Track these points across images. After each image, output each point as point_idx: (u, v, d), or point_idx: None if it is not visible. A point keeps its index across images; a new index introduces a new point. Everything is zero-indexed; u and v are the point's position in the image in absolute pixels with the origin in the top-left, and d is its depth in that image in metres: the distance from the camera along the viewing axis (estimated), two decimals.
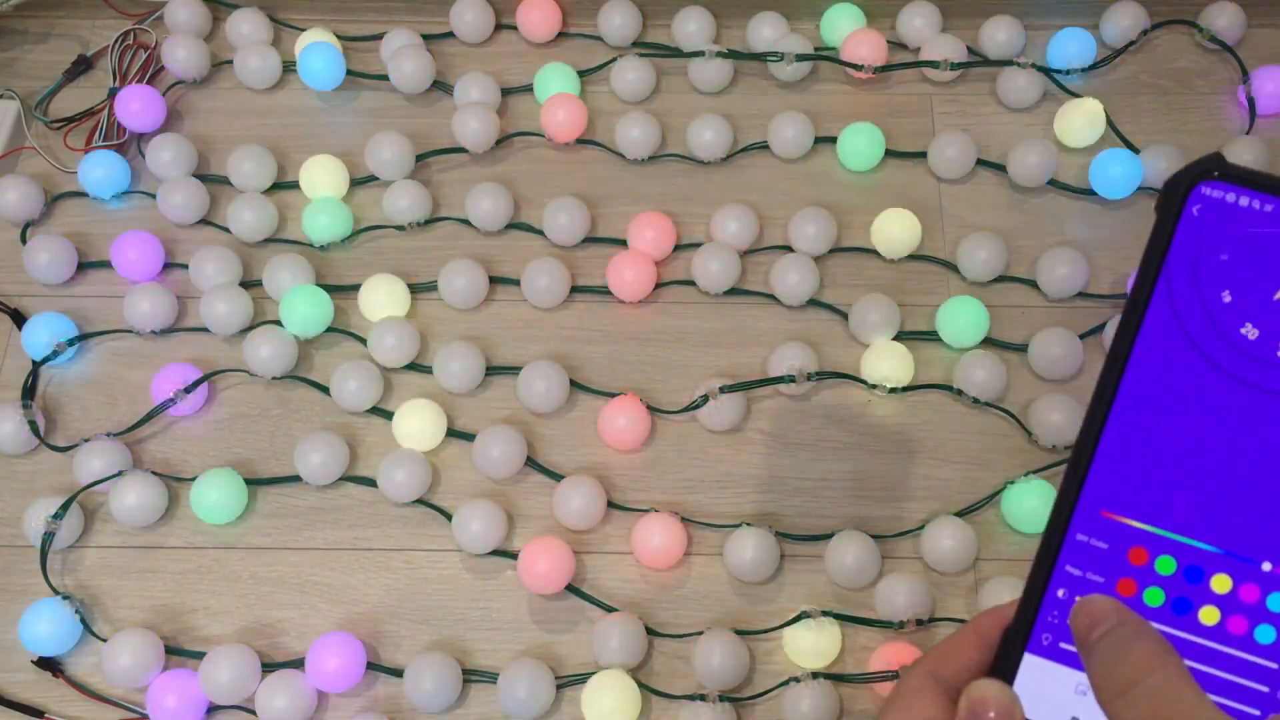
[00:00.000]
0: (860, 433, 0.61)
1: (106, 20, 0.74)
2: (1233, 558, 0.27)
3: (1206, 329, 0.27)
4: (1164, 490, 0.28)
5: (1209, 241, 0.26)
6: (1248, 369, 0.27)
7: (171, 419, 0.61)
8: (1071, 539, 0.28)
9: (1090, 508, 0.28)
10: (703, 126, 0.68)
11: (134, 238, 0.64)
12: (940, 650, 0.31)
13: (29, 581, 0.57)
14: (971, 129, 0.69)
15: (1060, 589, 0.28)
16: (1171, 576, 0.28)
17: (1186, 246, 0.27)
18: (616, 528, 0.58)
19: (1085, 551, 0.28)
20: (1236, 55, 0.71)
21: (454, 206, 0.68)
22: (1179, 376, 0.27)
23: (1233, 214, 0.26)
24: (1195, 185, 0.26)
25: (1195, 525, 0.28)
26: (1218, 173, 0.26)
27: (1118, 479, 0.28)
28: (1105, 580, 0.28)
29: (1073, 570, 0.28)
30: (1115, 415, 0.28)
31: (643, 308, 0.65)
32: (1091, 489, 0.28)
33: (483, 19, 0.73)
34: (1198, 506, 0.27)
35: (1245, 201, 0.26)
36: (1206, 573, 0.27)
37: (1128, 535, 0.28)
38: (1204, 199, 0.26)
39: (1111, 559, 0.28)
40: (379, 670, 0.55)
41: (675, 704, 0.54)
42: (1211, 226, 0.26)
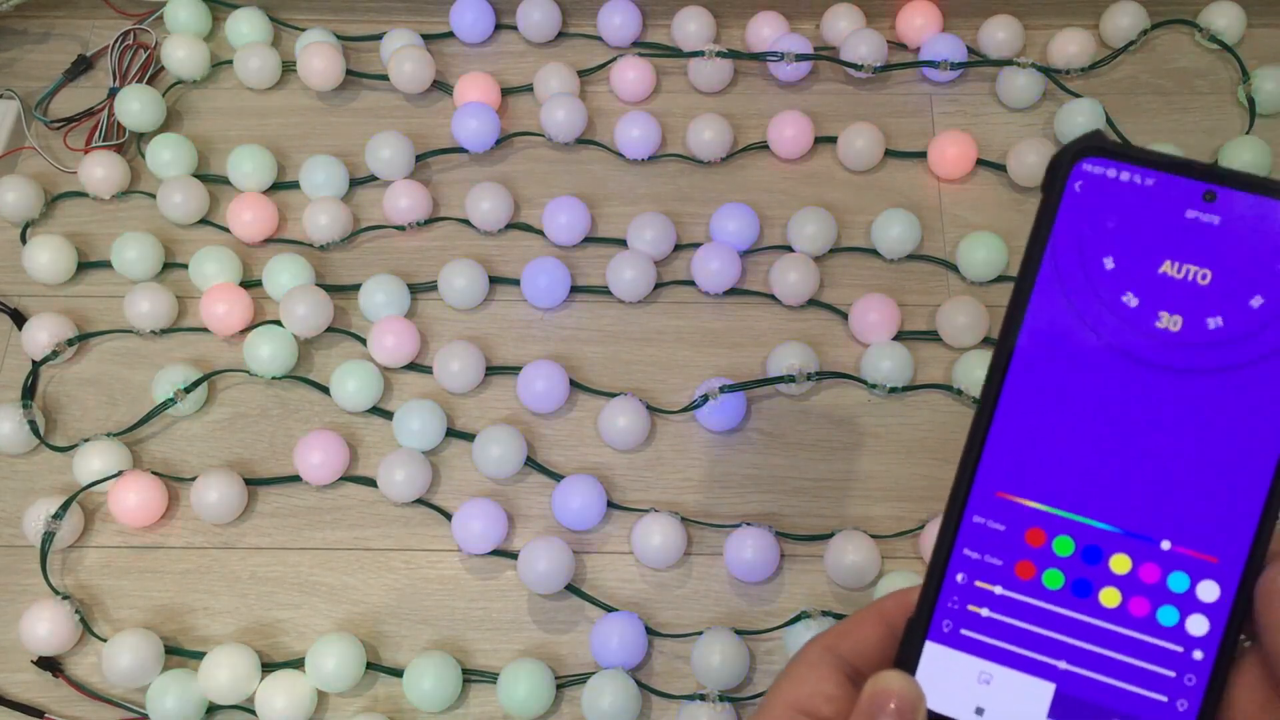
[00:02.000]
0: (860, 433, 0.61)
1: (106, 20, 0.74)
2: (1131, 537, 0.27)
3: (1092, 303, 0.27)
4: (1058, 469, 0.27)
5: (1092, 217, 0.27)
6: (1130, 340, 0.26)
7: (171, 419, 0.61)
8: (968, 522, 0.28)
9: (986, 489, 0.28)
10: (703, 126, 0.68)
11: (134, 238, 0.64)
12: (841, 627, 0.30)
13: (29, 581, 0.57)
14: (971, 129, 0.69)
15: (959, 573, 0.28)
16: (1070, 558, 0.27)
17: (1070, 223, 0.27)
18: (616, 528, 0.58)
19: (982, 534, 0.28)
20: (1236, 55, 0.71)
21: (454, 206, 0.68)
22: (1067, 353, 0.27)
23: (1114, 189, 0.26)
24: (1077, 162, 0.27)
25: (1091, 504, 0.27)
26: (1097, 149, 0.27)
27: (1012, 459, 0.27)
28: (1003, 563, 0.27)
29: (970, 554, 0.28)
30: (1006, 394, 0.27)
31: (643, 308, 0.65)
32: (986, 470, 0.28)
33: (483, 19, 0.73)
34: (1092, 484, 0.27)
35: (1126, 176, 0.26)
36: (1105, 553, 0.27)
37: (1024, 516, 0.27)
38: (1085, 175, 0.27)
39: (1009, 541, 0.27)
40: (379, 670, 0.55)
41: (675, 704, 0.54)
42: (1094, 201, 0.27)
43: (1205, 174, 0.26)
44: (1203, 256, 0.26)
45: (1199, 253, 0.26)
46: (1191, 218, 0.26)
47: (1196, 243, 0.26)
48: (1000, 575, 0.27)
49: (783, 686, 0.29)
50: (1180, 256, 0.26)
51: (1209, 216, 0.26)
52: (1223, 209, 0.26)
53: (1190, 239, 0.26)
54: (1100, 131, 0.27)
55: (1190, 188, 0.26)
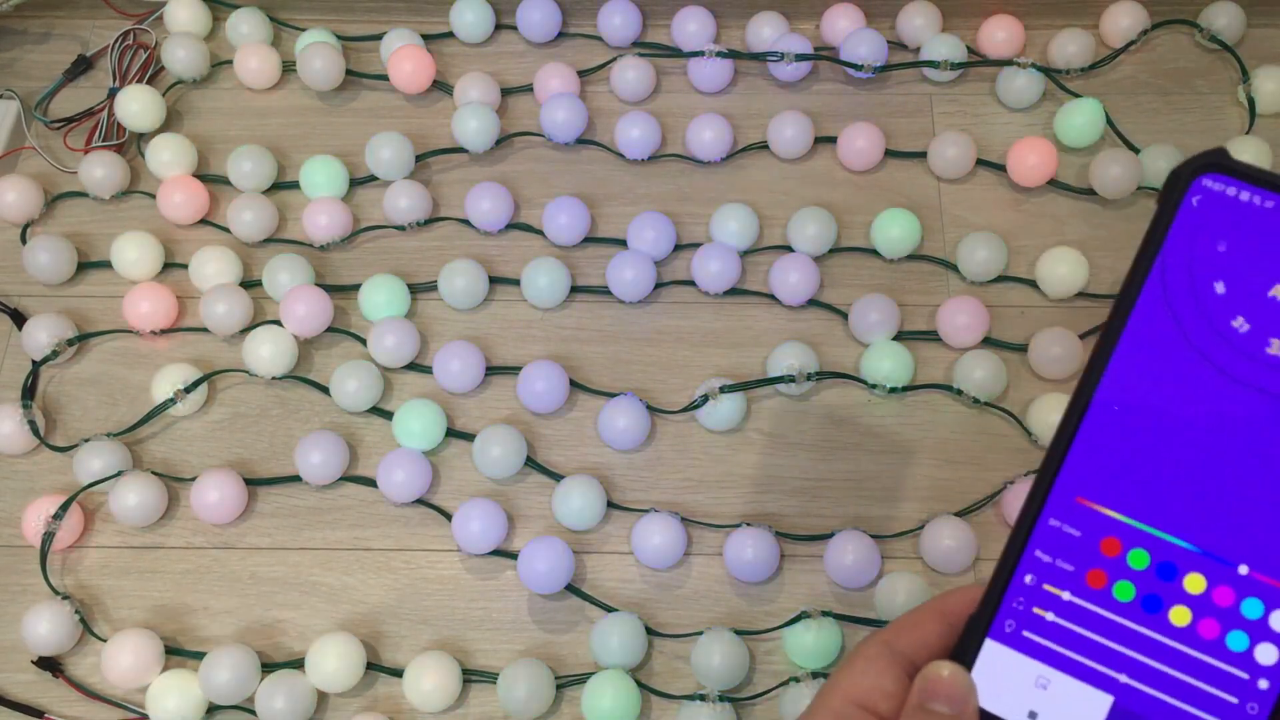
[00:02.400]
0: (860, 433, 0.61)
1: (106, 20, 0.74)
2: (1209, 558, 0.26)
3: (1198, 321, 0.26)
4: (1143, 482, 0.27)
5: (1206, 233, 0.26)
6: (1237, 364, 0.26)
7: (172, 419, 0.61)
8: (1044, 524, 0.27)
9: (1066, 493, 0.27)
10: (702, 126, 0.68)
11: (134, 238, 0.64)
12: (901, 622, 0.30)
13: (29, 581, 0.57)
14: (971, 129, 0.69)
15: (1028, 574, 0.27)
16: (1144, 571, 0.27)
17: (1184, 237, 0.26)
18: (616, 528, 0.58)
19: (1057, 538, 0.27)
20: (1236, 55, 0.71)
21: (454, 206, 0.68)
22: (1167, 367, 0.26)
23: (1232, 207, 0.26)
24: (1197, 177, 0.26)
25: (1173, 520, 0.27)
26: (1220, 166, 0.26)
27: (1096, 466, 0.27)
28: (1075, 569, 0.27)
29: (1042, 556, 0.27)
30: (1099, 400, 0.27)
31: (643, 308, 0.65)
32: (1069, 473, 0.27)
33: (483, 19, 0.73)
34: (1177, 502, 0.27)
35: (1246, 196, 0.26)
36: (1180, 571, 0.27)
37: (1102, 524, 0.27)
38: (1204, 191, 0.26)
39: (1083, 547, 0.27)
40: (379, 670, 0.55)
41: (675, 704, 0.54)
42: (1210, 219, 0.26)
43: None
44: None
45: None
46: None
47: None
48: (1070, 581, 0.27)
49: (840, 679, 0.29)
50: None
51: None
52: None
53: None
54: (1225, 149, 0.27)
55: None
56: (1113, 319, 0.27)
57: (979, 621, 0.28)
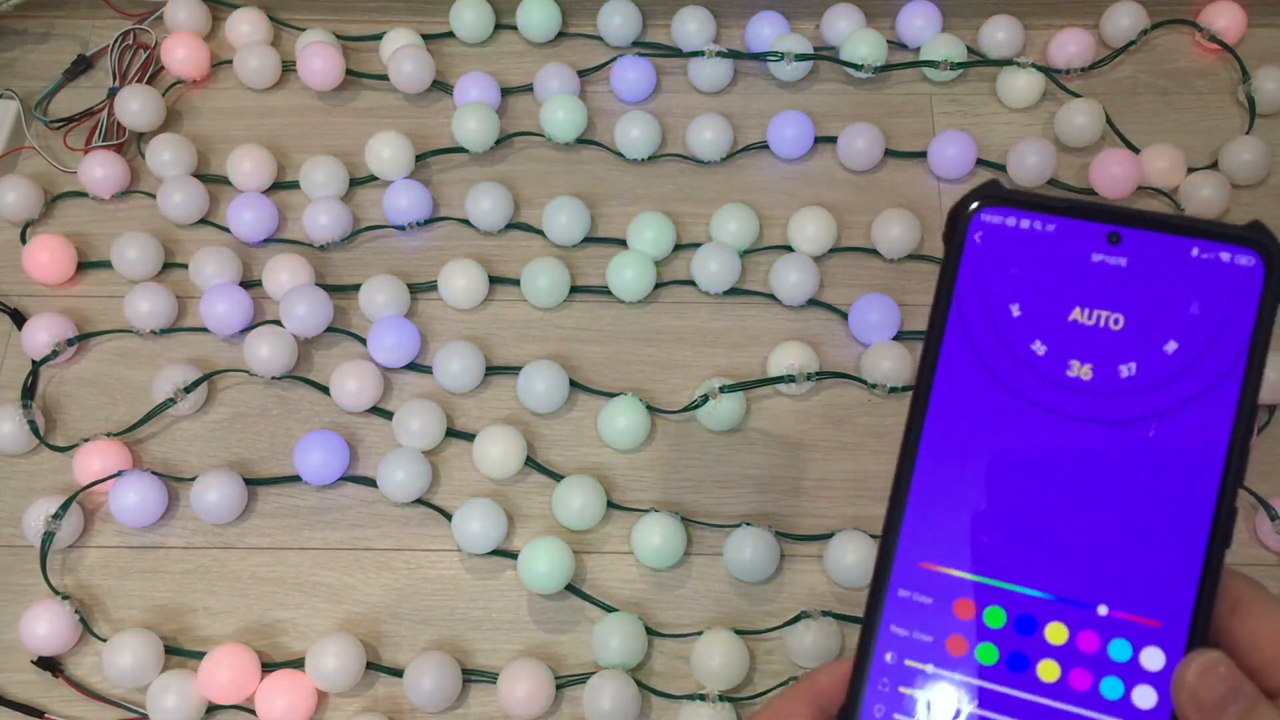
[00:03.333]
0: (860, 433, 0.61)
1: (106, 20, 0.74)
2: (1066, 603, 0.25)
3: (1002, 356, 0.25)
4: (982, 534, 0.25)
5: (995, 268, 0.26)
6: (1047, 395, 0.25)
7: (172, 419, 0.61)
8: (893, 596, 0.26)
9: (909, 559, 0.26)
10: (702, 126, 0.68)
11: (134, 238, 0.64)
12: (772, 710, 0.28)
13: (29, 581, 0.57)
14: (971, 129, 0.69)
15: (888, 652, 0.26)
16: (1003, 629, 0.25)
17: (974, 276, 0.26)
18: (616, 528, 0.58)
19: (909, 608, 0.26)
20: (1237, 55, 0.71)
21: (454, 206, 0.68)
22: (982, 411, 0.26)
23: (1016, 238, 0.26)
24: (975, 213, 0.26)
25: (1020, 569, 0.25)
26: (994, 198, 0.26)
27: (934, 526, 0.26)
28: (934, 639, 0.25)
29: (898, 630, 0.26)
30: (923, 458, 0.26)
31: (643, 308, 0.65)
32: (908, 539, 0.26)
33: (483, 19, 0.73)
34: (1020, 549, 0.25)
35: (1026, 224, 0.25)
36: (1040, 622, 0.25)
37: (951, 586, 0.26)
38: (985, 226, 0.26)
39: (937, 615, 0.26)
40: (379, 670, 0.55)
41: (675, 704, 0.54)
42: (996, 252, 0.26)
43: (1107, 215, 0.25)
44: (1112, 301, 0.25)
45: (1108, 297, 0.25)
46: (1098, 261, 0.25)
47: (1105, 287, 0.25)
48: (931, 652, 0.26)
49: None
50: (1089, 302, 0.25)
51: (1115, 259, 0.25)
52: (1129, 250, 0.25)
53: (1098, 283, 0.25)
54: (996, 181, 0.26)
55: (1093, 230, 0.25)
56: (921, 374, 0.26)
57: (849, 712, 0.26)
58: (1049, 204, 0.25)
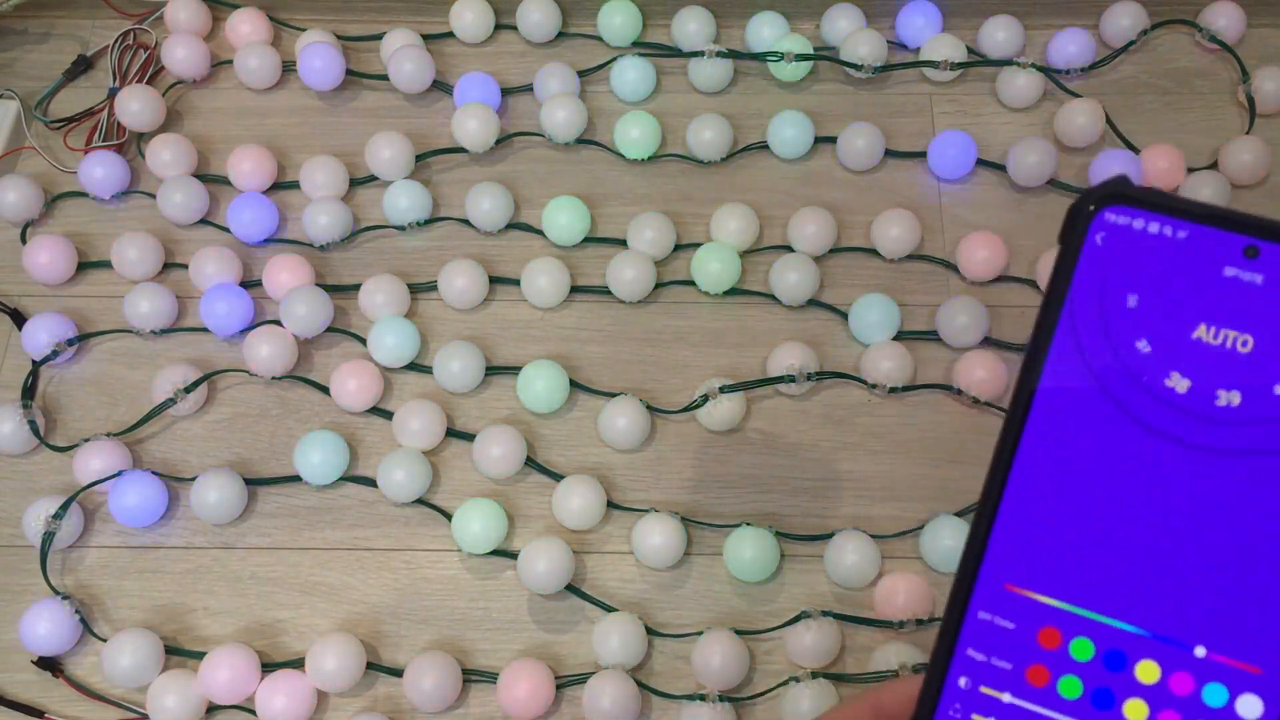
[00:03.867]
0: (860, 433, 0.61)
1: (106, 20, 0.74)
2: (1161, 641, 0.23)
3: (1116, 372, 0.23)
4: (1077, 561, 0.24)
5: (1116, 274, 0.23)
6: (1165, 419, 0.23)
7: (172, 419, 0.61)
8: (973, 618, 0.24)
9: (993, 580, 0.24)
10: (703, 126, 0.68)
11: (134, 238, 0.64)
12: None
13: (29, 581, 0.57)
14: (971, 129, 0.69)
15: (962, 677, 0.24)
16: (1089, 663, 0.24)
17: (1091, 281, 0.23)
18: (616, 528, 0.58)
19: (989, 632, 0.24)
20: (1236, 55, 0.71)
21: (454, 206, 0.68)
22: (1088, 429, 0.24)
23: (1142, 242, 0.23)
24: (1099, 211, 0.23)
25: (1115, 602, 0.24)
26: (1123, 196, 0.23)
27: (1024, 547, 0.24)
28: (1013, 666, 0.24)
29: (975, 655, 0.24)
30: (1018, 472, 0.24)
31: (643, 308, 0.65)
32: (994, 558, 0.24)
33: (483, 19, 0.73)
34: (1118, 580, 0.24)
35: (1155, 228, 0.23)
36: (1130, 659, 0.23)
37: (1037, 613, 0.24)
38: (1109, 226, 0.23)
39: (1019, 641, 0.24)
40: (379, 670, 0.55)
41: (675, 704, 0.54)
42: (1119, 257, 0.23)
43: (1247, 226, 0.23)
44: (1243, 320, 0.23)
45: (1239, 316, 0.23)
46: (1230, 276, 0.23)
47: (1236, 305, 0.23)
48: (1009, 680, 0.24)
49: None
50: (1217, 320, 0.23)
51: (1250, 275, 0.23)
52: (1267, 266, 0.23)
53: (1229, 300, 0.23)
54: (1126, 177, 0.24)
55: (1230, 241, 0.23)
56: (1023, 379, 0.24)
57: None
58: (1183, 208, 0.23)
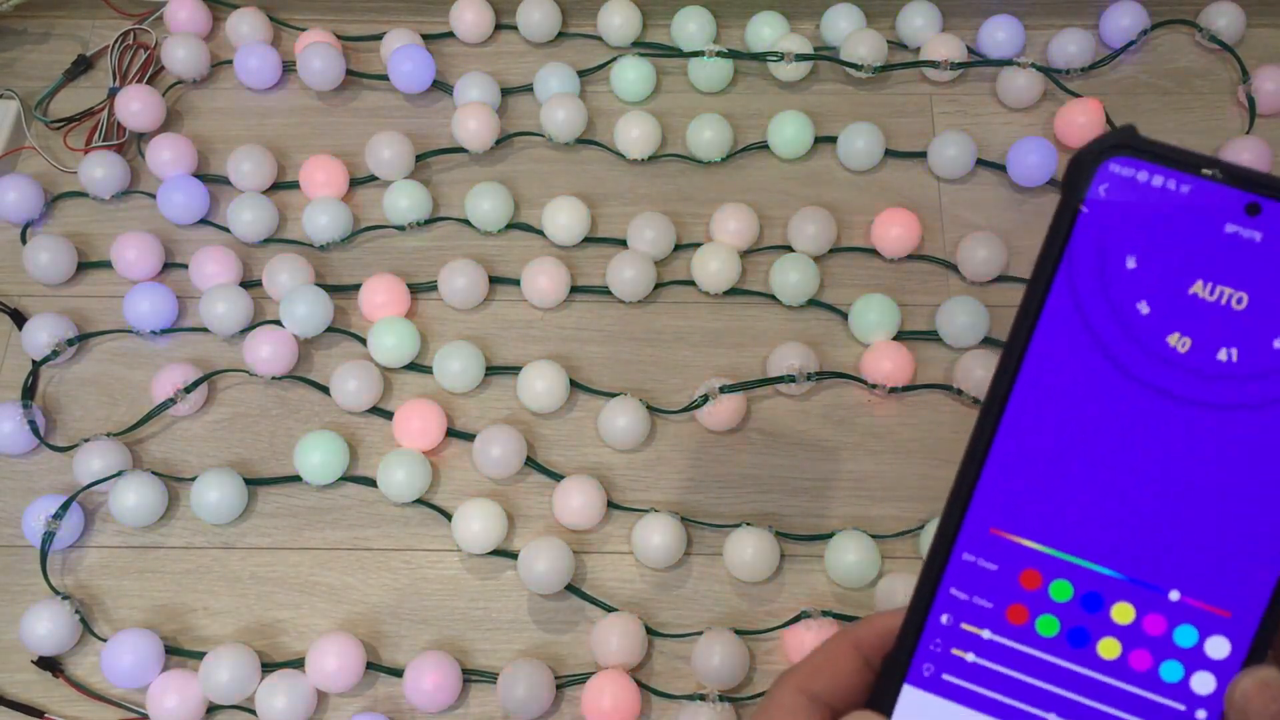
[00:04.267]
0: (860, 433, 0.61)
1: (106, 20, 0.74)
2: (1136, 585, 0.24)
3: (1109, 324, 0.24)
4: (1061, 507, 0.25)
5: (1116, 225, 0.24)
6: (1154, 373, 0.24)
7: (171, 419, 0.61)
8: (957, 558, 0.25)
9: (978, 524, 0.25)
10: (703, 126, 0.68)
11: (134, 238, 0.64)
12: (813, 663, 0.27)
13: (29, 581, 0.57)
14: (971, 129, 0.69)
15: (944, 614, 0.25)
16: (1067, 604, 0.25)
17: (1091, 231, 0.24)
18: (616, 528, 0.58)
19: (972, 573, 0.25)
20: (1236, 55, 0.71)
21: (454, 206, 0.68)
22: (1078, 378, 0.24)
23: (1144, 194, 0.23)
24: (1104, 161, 0.23)
25: (1094, 547, 0.25)
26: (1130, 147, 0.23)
27: (1010, 492, 0.25)
28: (994, 605, 0.25)
29: (957, 593, 0.25)
30: (1008, 420, 0.25)
31: (643, 308, 0.65)
32: (980, 503, 0.25)
33: (483, 19, 0.73)
34: (1098, 527, 0.24)
35: (1159, 181, 0.23)
36: (1106, 601, 0.25)
37: (1019, 556, 0.25)
38: (1112, 177, 0.23)
39: (1001, 582, 0.25)
40: (379, 670, 0.55)
41: (675, 704, 0.54)
42: (1120, 208, 0.23)
43: (1250, 183, 0.23)
44: (1239, 278, 0.23)
45: (1235, 273, 0.23)
46: (1231, 233, 0.23)
47: (1233, 262, 0.23)
48: (989, 618, 0.25)
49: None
50: (1214, 277, 0.23)
51: (1250, 232, 0.23)
52: (1267, 224, 0.23)
53: (1227, 257, 0.23)
54: (1133, 127, 0.24)
55: (1232, 197, 0.23)
56: (1017, 329, 0.24)
57: (895, 666, 0.26)
58: (1188, 161, 0.23)
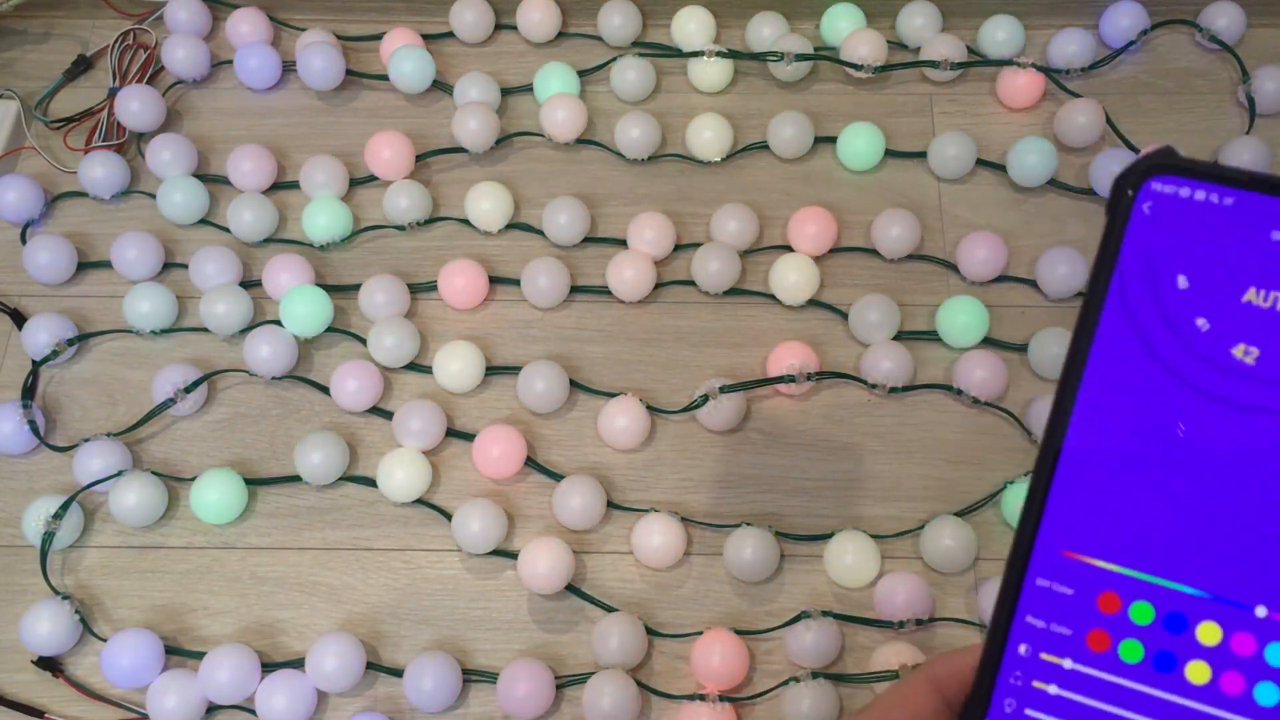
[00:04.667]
0: (860, 433, 0.61)
1: (106, 20, 0.74)
2: (1221, 603, 0.23)
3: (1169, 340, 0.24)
4: (1134, 525, 0.24)
5: (1164, 242, 0.24)
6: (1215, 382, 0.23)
7: (172, 419, 0.61)
8: (1030, 585, 0.24)
9: (1050, 547, 0.24)
10: (703, 126, 0.68)
11: (134, 238, 0.64)
12: (887, 704, 0.27)
13: (29, 581, 0.57)
14: (971, 129, 0.69)
15: (1022, 644, 0.25)
16: (1150, 626, 0.24)
17: (1140, 249, 0.24)
18: (616, 528, 0.58)
19: (1047, 599, 0.24)
20: (1236, 55, 0.71)
21: (454, 206, 0.68)
22: (1140, 393, 0.24)
23: (1189, 210, 0.24)
24: (1145, 181, 0.24)
25: (1173, 565, 0.24)
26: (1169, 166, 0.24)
27: (1080, 513, 0.24)
28: (1073, 633, 0.24)
29: (1034, 622, 0.24)
30: (1072, 440, 0.24)
31: (643, 308, 0.65)
32: (1050, 526, 0.24)
33: (483, 19, 0.73)
34: (1175, 543, 0.24)
35: (1201, 195, 0.24)
36: (1191, 621, 0.24)
37: (1095, 578, 0.24)
38: (1155, 195, 0.24)
39: (1079, 607, 0.24)
40: (379, 670, 0.55)
41: (675, 704, 0.54)
42: (1166, 225, 0.24)
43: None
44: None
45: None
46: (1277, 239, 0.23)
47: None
48: (1070, 647, 0.24)
49: None
50: (1266, 283, 0.23)
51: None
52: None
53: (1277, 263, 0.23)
54: (1172, 148, 0.24)
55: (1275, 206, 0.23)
56: (1075, 349, 0.24)
57: (975, 704, 0.25)
58: (1228, 175, 0.23)
